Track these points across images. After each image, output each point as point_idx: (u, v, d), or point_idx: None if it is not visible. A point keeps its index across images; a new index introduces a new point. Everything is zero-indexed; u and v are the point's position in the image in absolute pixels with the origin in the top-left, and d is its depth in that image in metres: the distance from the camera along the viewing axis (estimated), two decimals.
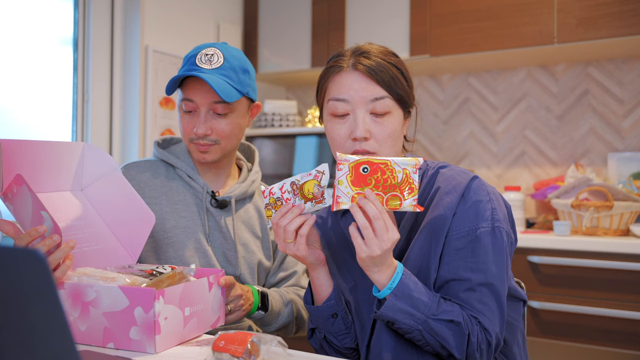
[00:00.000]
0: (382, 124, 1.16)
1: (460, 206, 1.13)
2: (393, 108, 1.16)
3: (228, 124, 1.45)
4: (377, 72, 1.15)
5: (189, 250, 1.46)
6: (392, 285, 1.05)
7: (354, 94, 1.16)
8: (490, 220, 1.12)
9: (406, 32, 2.88)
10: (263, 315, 1.41)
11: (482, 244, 1.10)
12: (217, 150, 1.47)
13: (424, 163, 1.24)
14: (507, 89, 3.03)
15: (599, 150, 2.81)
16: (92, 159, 1.36)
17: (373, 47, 1.20)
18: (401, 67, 1.20)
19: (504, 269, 1.11)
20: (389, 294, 1.06)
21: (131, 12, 2.75)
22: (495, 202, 1.14)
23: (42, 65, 2.51)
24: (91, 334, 1.10)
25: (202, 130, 1.42)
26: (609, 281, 2.19)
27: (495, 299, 1.09)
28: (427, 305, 1.06)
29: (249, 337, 1.01)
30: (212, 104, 1.42)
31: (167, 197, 1.49)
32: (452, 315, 1.06)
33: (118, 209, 1.34)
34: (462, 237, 1.11)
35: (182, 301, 1.12)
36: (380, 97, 1.15)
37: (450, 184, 1.16)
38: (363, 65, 1.16)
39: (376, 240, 1.03)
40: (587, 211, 2.39)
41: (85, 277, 1.14)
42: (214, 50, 1.44)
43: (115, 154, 2.73)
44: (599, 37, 2.45)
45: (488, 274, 1.09)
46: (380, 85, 1.15)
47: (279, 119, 3.24)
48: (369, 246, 1.03)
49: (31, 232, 1.10)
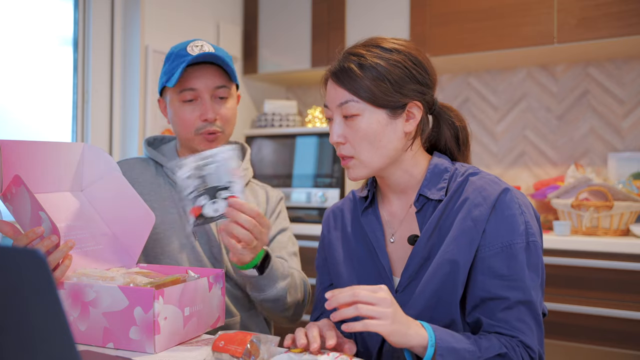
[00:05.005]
0: (352, 127, 1.14)
1: (491, 220, 1.09)
2: (363, 110, 1.13)
3: (229, 109, 1.49)
4: (339, 76, 1.15)
5: (177, 246, 1.46)
6: (432, 341, 0.98)
7: (329, 101, 1.18)
8: (524, 235, 1.08)
9: (406, 32, 2.88)
10: (256, 277, 1.30)
11: (517, 261, 1.07)
12: (221, 139, 1.49)
13: (452, 167, 1.19)
14: (507, 89, 3.03)
15: (599, 150, 2.81)
16: (91, 159, 1.36)
17: (357, 46, 1.18)
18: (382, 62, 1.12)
19: (538, 284, 1.09)
20: (433, 354, 0.97)
21: (131, 12, 2.76)
22: (527, 214, 1.11)
23: (42, 65, 2.52)
24: (91, 334, 1.10)
25: (212, 115, 1.45)
26: (609, 281, 2.20)
27: (532, 316, 1.07)
28: (471, 352, 1.00)
29: (248, 337, 1.01)
30: (215, 89, 1.46)
31: (156, 193, 1.50)
32: (496, 348, 1.02)
33: (118, 209, 1.35)
34: (496, 254, 1.08)
35: (182, 301, 1.12)
36: (344, 102, 1.14)
37: (480, 195, 1.11)
38: (330, 71, 1.18)
39: (377, 307, 0.96)
40: (587, 211, 2.39)
41: (84, 277, 1.14)
42: (202, 42, 1.48)
43: (115, 154, 2.73)
44: (599, 37, 2.45)
45: (525, 292, 1.06)
46: (344, 88, 1.14)
47: (279, 119, 3.24)
48: (381, 316, 0.96)
49: (29, 234, 1.10)
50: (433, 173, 1.18)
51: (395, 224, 1.23)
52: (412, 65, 1.15)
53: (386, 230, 1.24)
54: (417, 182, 1.20)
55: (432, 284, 1.11)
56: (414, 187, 1.20)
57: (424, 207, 1.17)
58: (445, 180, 1.17)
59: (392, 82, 1.12)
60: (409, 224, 1.20)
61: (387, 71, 1.12)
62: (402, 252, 1.20)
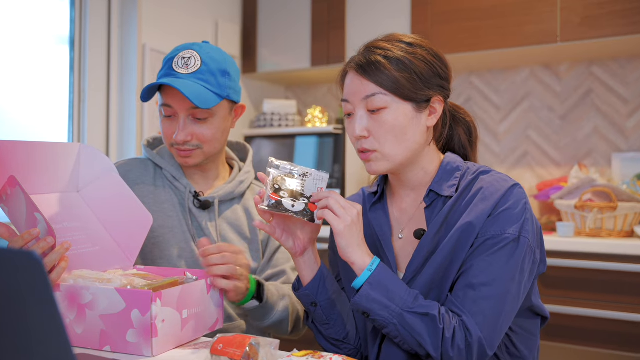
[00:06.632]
0: (378, 121, 1.14)
1: (493, 212, 1.11)
2: (390, 103, 1.14)
3: (209, 129, 1.44)
4: (366, 68, 1.14)
5: (175, 250, 1.45)
6: (372, 267, 1.08)
7: (352, 96, 1.17)
8: (519, 229, 1.10)
9: (407, 30, 2.88)
10: (257, 307, 1.34)
11: (501, 247, 1.08)
12: (199, 155, 1.46)
13: (464, 165, 1.22)
14: (509, 89, 3.03)
15: (602, 151, 2.81)
16: (88, 159, 1.36)
17: (378, 40, 1.19)
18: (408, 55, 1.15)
19: (514, 278, 1.09)
20: (366, 279, 1.06)
21: (128, 10, 2.76)
22: (529, 213, 1.12)
23: (37, 64, 2.52)
24: (87, 337, 1.10)
25: (182, 137, 1.41)
26: (613, 283, 2.20)
27: (493, 305, 1.06)
28: (402, 298, 1.06)
29: (247, 340, 1.01)
30: (190, 109, 1.41)
31: (154, 196, 1.49)
32: (428, 309, 1.05)
33: (115, 210, 1.35)
34: (486, 240, 1.10)
35: (180, 303, 1.12)
36: (371, 95, 1.14)
37: (487, 191, 1.13)
38: (355, 63, 1.17)
39: (343, 210, 1.08)
40: (591, 212, 2.39)
41: (81, 280, 1.14)
42: (191, 53, 1.42)
43: (112, 155, 2.73)
44: (603, 36, 2.45)
45: (495, 278, 1.07)
46: (371, 81, 1.14)
47: (278, 118, 3.24)
48: (341, 216, 1.07)
49: (24, 236, 1.10)
50: (445, 170, 1.20)
51: (405, 220, 1.25)
52: (433, 59, 1.17)
53: (394, 227, 1.26)
54: (430, 179, 1.22)
55: (428, 274, 1.14)
56: (426, 184, 1.22)
57: (434, 203, 1.19)
58: (457, 178, 1.19)
59: (418, 75, 1.15)
60: (418, 220, 1.22)
61: (414, 64, 1.15)
62: (409, 247, 1.21)
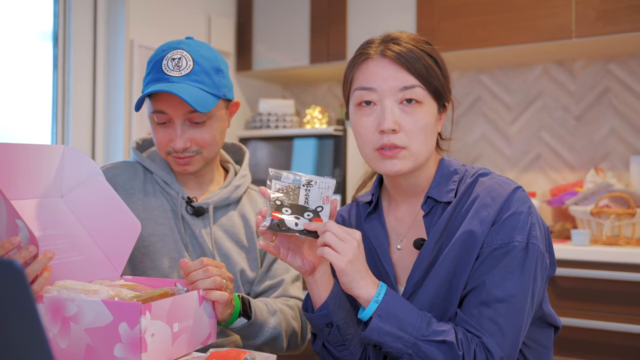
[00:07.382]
0: (412, 115, 1.13)
1: (497, 220, 1.11)
2: (425, 99, 1.14)
3: (208, 132, 1.43)
4: (408, 58, 1.13)
5: (167, 260, 1.45)
6: (378, 297, 1.05)
7: (382, 83, 1.14)
8: (526, 235, 1.10)
9: (413, 26, 2.88)
10: (245, 324, 1.32)
11: (511, 258, 1.09)
12: (199, 160, 1.46)
13: (461, 168, 1.22)
14: (521, 87, 3.04)
15: (620, 153, 2.81)
16: (72, 163, 1.36)
17: (404, 34, 1.19)
18: (435, 56, 1.18)
19: (529, 290, 1.09)
20: (374, 310, 1.05)
21: (115, 4, 2.76)
22: (534, 216, 1.13)
23: (19, 61, 2.52)
24: (72, 352, 1.10)
25: (181, 144, 1.41)
26: (631, 295, 2.20)
27: (510, 319, 1.07)
28: (415, 326, 1.05)
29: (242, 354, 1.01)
30: (187, 114, 1.40)
31: (144, 202, 1.48)
32: (444, 335, 1.04)
33: (101, 217, 1.35)
34: (494, 249, 1.10)
35: (171, 316, 1.12)
36: (410, 86, 1.13)
37: (489, 196, 1.13)
38: (392, 51, 1.14)
39: (342, 244, 1.05)
40: (608, 219, 2.39)
41: (65, 291, 1.14)
42: (180, 53, 1.41)
43: (98, 158, 2.73)
44: (621, 31, 2.46)
45: (509, 291, 1.07)
46: (411, 73, 1.13)
47: (275, 119, 3.25)
48: (341, 252, 1.05)
49: (5, 245, 1.10)
50: (442, 174, 1.21)
51: (403, 229, 1.24)
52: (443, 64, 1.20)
53: (392, 237, 1.25)
54: (428, 184, 1.22)
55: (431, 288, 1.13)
56: (425, 190, 1.22)
57: (432, 211, 1.19)
58: (455, 182, 1.19)
59: (445, 76, 1.19)
60: (417, 229, 1.22)
61: (443, 65, 1.18)
62: (409, 259, 1.21)
